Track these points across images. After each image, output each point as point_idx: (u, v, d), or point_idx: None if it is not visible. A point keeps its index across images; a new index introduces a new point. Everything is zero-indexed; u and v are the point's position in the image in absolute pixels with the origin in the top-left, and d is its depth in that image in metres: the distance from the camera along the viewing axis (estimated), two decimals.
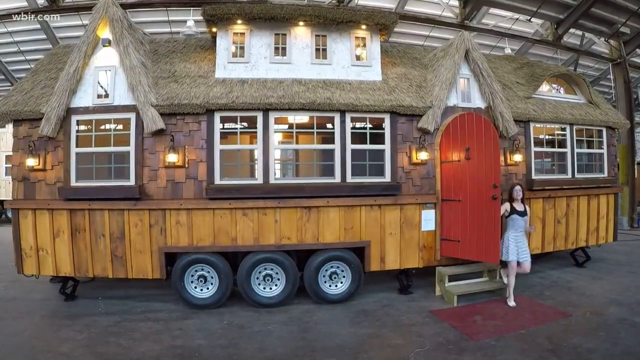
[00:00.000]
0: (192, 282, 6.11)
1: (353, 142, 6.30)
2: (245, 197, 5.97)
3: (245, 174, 6.56)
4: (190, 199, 6.02)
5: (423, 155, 6.41)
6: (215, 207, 5.96)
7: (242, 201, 5.97)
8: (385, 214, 6.37)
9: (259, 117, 6.09)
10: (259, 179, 6.03)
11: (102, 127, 6.53)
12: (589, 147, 8.23)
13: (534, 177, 7.47)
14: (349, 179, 6.22)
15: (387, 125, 6.41)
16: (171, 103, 6.00)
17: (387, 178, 6.39)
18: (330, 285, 6.26)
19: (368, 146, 6.38)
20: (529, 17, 12.66)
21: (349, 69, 6.72)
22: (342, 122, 6.20)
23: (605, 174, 8.33)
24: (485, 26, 13.29)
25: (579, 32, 14.20)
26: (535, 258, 6.82)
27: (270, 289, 6.15)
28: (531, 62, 9.26)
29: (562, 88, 8.51)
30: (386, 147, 6.40)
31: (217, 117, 6.07)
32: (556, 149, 7.89)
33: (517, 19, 13.70)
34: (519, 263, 6.01)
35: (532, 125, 7.53)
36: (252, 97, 6.01)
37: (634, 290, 6.72)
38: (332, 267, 6.23)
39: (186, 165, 6.05)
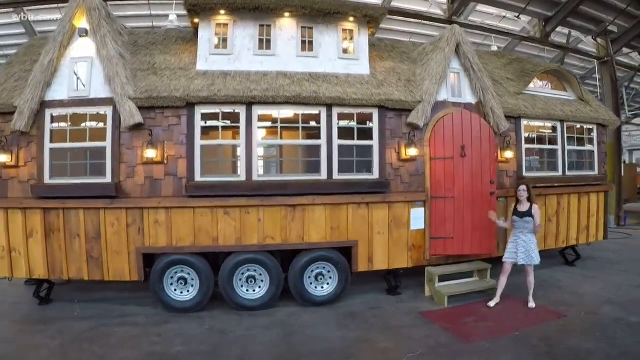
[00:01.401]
0: (171, 284, 5.72)
1: (340, 138, 5.94)
2: (227, 195, 5.60)
3: (227, 170, 6.19)
4: (170, 197, 5.62)
5: (413, 151, 6.08)
6: (196, 206, 5.58)
7: (224, 199, 5.59)
8: (373, 212, 6.03)
9: (242, 110, 5.71)
10: (241, 176, 5.65)
11: (78, 121, 6.10)
12: (579, 145, 7.96)
13: (524, 174, 7.18)
14: (336, 176, 5.86)
15: (375, 120, 6.07)
16: (150, 96, 5.61)
17: (375, 175, 6.04)
18: (316, 287, 5.91)
19: (355, 142, 6.03)
20: (517, 14, 12.41)
21: (336, 62, 6.36)
22: (329, 116, 5.84)
23: (596, 172, 8.09)
24: (472, 23, 13.00)
25: (565, 31, 13.99)
26: None
27: (254, 291, 5.77)
28: (521, 58, 9.00)
29: (552, 84, 8.23)
30: (374, 142, 6.06)
31: (197, 110, 5.68)
32: (547, 146, 7.61)
33: (504, 16, 13.46)
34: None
35: (523, 121, 7.25)
36: (235, 90, 5.63)
37: (626, 289, 6.50)
38: (318, 267, 5.88)
39: (165, 162, 5.66)
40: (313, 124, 5.95)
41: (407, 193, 6.18)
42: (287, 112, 6.06)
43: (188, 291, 5.72)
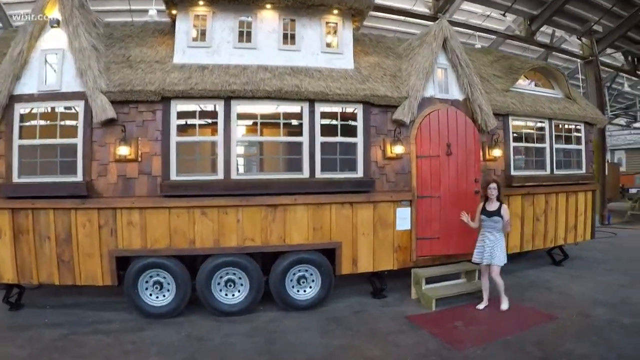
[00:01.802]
0: (146, 288, 5.39)
1: (323, 135, 5.66)
2: (204, 195, 5.29)
3: (204, 169, 5.85)
4: (144, 197, 5.29)
5: (398, 149, 5.84)
6: (172, 206, 5.26)
7: (201, 199, 5.28)
8: (358, 212, 5.77)
9: (220, 105, 5.41)
10: (219, 175, 5.34)
11: (48, 116, 5.74)
12: (567, 143, 7.81)
13: (512, 173, 7.00)
14: (319, 174, 5.59)
15: (359, 116, 5.81)
16: (123, 90, 5.28)
17: (360, 174, 5.79)
18: (298, 291, 5.63)
19: (339, 138, 5.76)
20: (503, 12, 12.27)
21: (319, 56, 6.09)
22: (312, 112, 5.57)
23: (584, 171, 7.95)
24: (457, 21, 12.82)
25: (549, 30, 13.90)
26: (511, 257, 6.35)
27: (233, 295, 5.48)
28: (508, 55, 8.86)
29: (540, 82, 8.08)
30: (358, 140, 5.81)
31: (173, 105, 5.36)
32: (535, 145, 7.44)
33: (488, 15, 13.33)
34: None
35: (511, 119, 7.07)
36: (213, 84, 5.32)
37: (616, 289, 6.36)
38: (300, 270, 5.61)
39: (139, 159, 5.32)
40: (295, 122, 5.67)
41: (393, 192, 5.94)
42: (267, 108, 5.78)
43: (164, 296, 5.40)
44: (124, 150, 5.20)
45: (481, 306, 5.57)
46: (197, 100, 5.39)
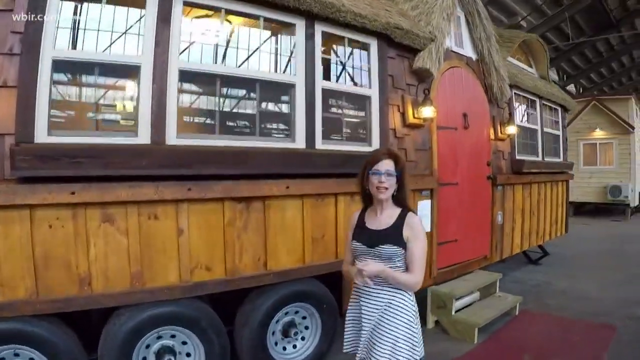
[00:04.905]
0: None
1: (324, 78, 3.18)
2: (110, 176, 2.32)
3: (111, 124, 2.87)
4: None
5: (427, 112, 3.66)
6: (38, 203, 2.16)
7: (103, 186, 2.29)
8: None
9: None
10: (141, 136, 2.41)
11: None
12: (550, 127, 6.53)
13: (517, 156, 5.37)
14: (319, 144, 3.07)
15: (373, 56, 3.46)
16: None
17: (374, 145, 3.43)
18: (285, 348, 3.00)
19: (347, 87, 3.36)
20: None
21: None
22: (310, 35, 3.01)
23: (561, 159, 6.78)
24: None
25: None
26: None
27: None
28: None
29: (521, 58, 6.66)
30: (372, 92, 3.45)
31: None
32: (530, 125, 5.95)
33: None
34: None
35: (514, 92, 5.44)
36: None
37: (624, 286, 5.30)
38: (288, 313, 2.99)
39: None
40: (275, 49, 3.08)
41: (414, 177, 3.73)
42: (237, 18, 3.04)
43: None
44: None
45: None
46: None
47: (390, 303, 1.91)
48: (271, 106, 3.71)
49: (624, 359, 3.30)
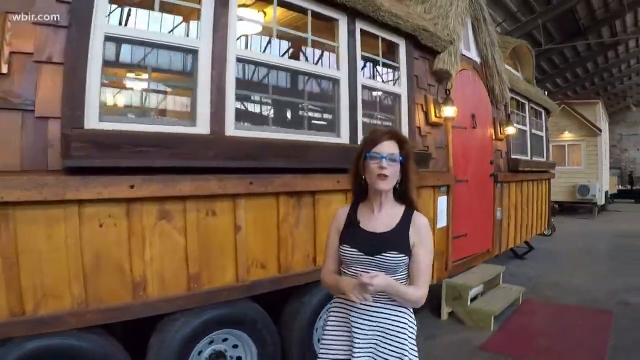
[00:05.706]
0: None
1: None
2: (173, 168, 2.18)
3: (172, 112, 2.75)
4: (15, 173, 1.87)
5: (449, 111, 3.81)
6: (92, 198, 1.98)
7: (165, 179, 2.15)
8: None
9: None
10: (199, 125, 2.32)
11: None
12: (535, 128, 6.91)
13: (513, 156, 5.66)
14: (360, 140, 3.14)
15: (402, 56, 3.56)
16: None
17: None
18: None
19: (381, 84, 3.43)
20: None
21: None
22: (351, 32, 3.07)
23: (545, 158, 7.18)
24: None
25: None
26: None
27: None
28: None
29: (509, 61, 6.99)
30: (402, 90, 3.55)
31: None
32: (520, 127, 6.27)
33: None
34: None
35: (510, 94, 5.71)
36: None
37: (611, 276, 5.72)
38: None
39: (5, 71, 1.88)
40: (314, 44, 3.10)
41: (435, 173, 3.86)
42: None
43: None
44: None
45: None
46: None
47: (391, 323, 1.53)
48: (317, 101, 3.70)
49: (626, 340, 3.57)
